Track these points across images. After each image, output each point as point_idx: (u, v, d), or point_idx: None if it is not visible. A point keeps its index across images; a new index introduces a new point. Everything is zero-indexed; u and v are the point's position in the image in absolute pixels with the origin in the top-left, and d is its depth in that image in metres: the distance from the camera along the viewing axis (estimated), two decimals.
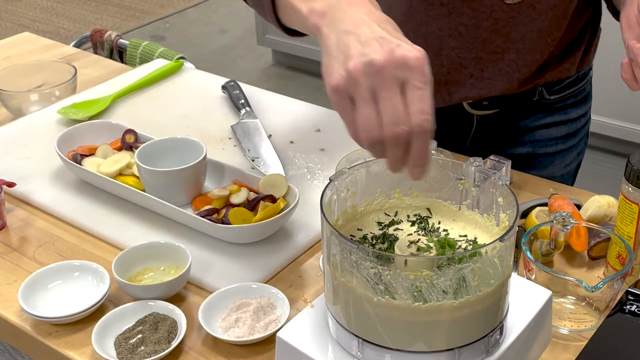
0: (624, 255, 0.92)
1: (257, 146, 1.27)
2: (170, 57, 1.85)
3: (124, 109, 1.42)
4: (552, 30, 1.18)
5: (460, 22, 1.16)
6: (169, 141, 1.16)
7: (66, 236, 1.09)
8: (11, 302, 0.97)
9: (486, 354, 0.76)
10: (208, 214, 1.05)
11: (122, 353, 0.87)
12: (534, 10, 1.15)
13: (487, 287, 0.72)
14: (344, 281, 0.74)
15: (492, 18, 1.15)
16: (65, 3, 4.91)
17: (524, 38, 1.17)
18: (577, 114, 1.32)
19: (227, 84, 1.45)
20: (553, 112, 1.28)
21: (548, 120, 1.28)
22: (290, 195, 1.08)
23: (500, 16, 1.15)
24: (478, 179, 0.82)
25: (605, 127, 2.90)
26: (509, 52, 1.18)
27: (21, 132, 1.34)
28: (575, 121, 1.32)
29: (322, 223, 0.75)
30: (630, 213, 0.93)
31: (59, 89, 1.43)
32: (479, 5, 1.14)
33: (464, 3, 1.14)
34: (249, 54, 4.13)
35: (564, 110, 1.30)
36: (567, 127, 1.31)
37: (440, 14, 1.16)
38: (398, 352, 0.74)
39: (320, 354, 0.78)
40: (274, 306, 0.93)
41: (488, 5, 1.14)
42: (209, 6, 4.80)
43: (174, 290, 0.96)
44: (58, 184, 1.19)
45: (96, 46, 2.04)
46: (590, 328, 0.90)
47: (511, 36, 1.17)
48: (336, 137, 1.31)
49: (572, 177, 1.39)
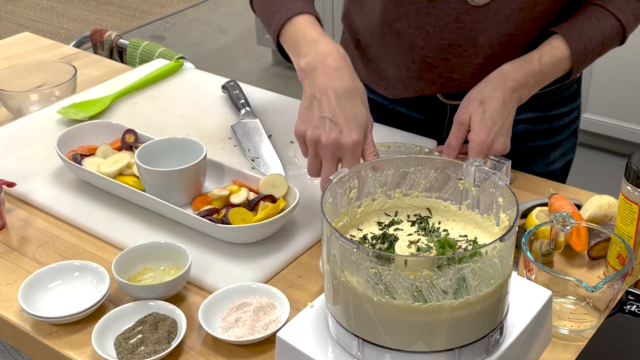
0: (624, 255, 0.92)
1: (257, 146, 1.27)
2: (170, 57, 1.85)
3: (124, 109, 1.42)
4: (519, 33, 1.17)
5: (427, 22, 1.17)
6: (169, 141, 1.16)
7: (66, 236, 1.09)
8: (11, 302, 0.97)
9: (486, 354, 0.76)
10: (208, 214, 1.05)
11: (122, 353, 0.87)
12: (500, 14, 1.14)
13: (487, 287, 0.72)
14: (344, 281, 0.74)
15: (458, 21, 1.15)
16: (65, 3, 4.91)
17: (492, 43, 1.17)
18: (560, 111, 1.31)
19: (227, 84, 1.45)
20: (529, 108, 1.26)
21: (525, 115, 1.27)
22: (290, 195, 1.08)
23: (466, 19, 1.15)
24: (478, 179, 0.82)
25: (605, 127, 2.90)
26: (477, 56, 1.18)
27: (21, 132, 1.34)
28: (558, 119, 1.31)
29: (322, 223, 0.75)
30: (630, 213, 0.93)
31: (59, 89, 1.43)
32: (444, 7, 1.15)
33: (429, 3, 1.15)
34: (249, 54, 4.13)
35: (545, 106, 1.29)
36: (548, 124, 1.31)
37: (409, 12, 1.17)
38: (398, 352, 0.74)
39: (320, 354, 0.78)
40: (274, 306, 0.93)
41: (453, 7, 1.15)
42: (209, 6, 4.81)
43: (174, 290, 0.96)
44: (58, 184, 1.19)
45: (96, 46, 2.04)
46: (590, 328, 0.90)
47: (478, 41, 1.17)
48: None
49: (558, 177, 1.37)
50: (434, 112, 1.31)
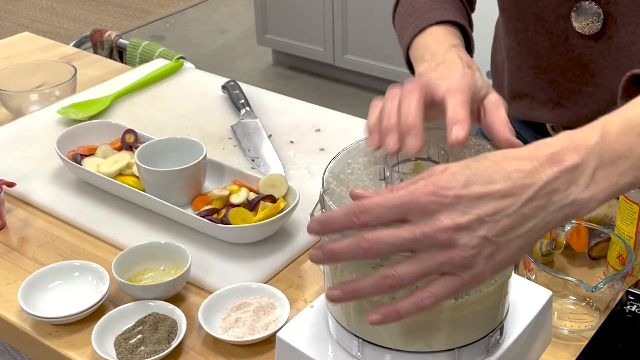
0: (624, 256, 0.92)
1: (257, 146, 1.27)
2: (170, 57, 1.85)
3: (124, 109, 1.42)
4: (633, 65, 1.00)
5: (535, 41, 1.08)
6: (169, 141, 1.15)
7: (66, 236, 1.09)
8: (11, 302, 0.97)
9: (486, 354, 0.76)
10: (208, 214, 1.05)
11: (122, 353, 0.87)
12: (612, 42, 1.02)
13: (487, 287, 0.72)
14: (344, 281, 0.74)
15: (567, 44, 1.05)
16: (65, 3, 4.91)
17: (602, 72, 1.05)
18: None
19: (227, 84, 1.45)
20: None
21: None
22: (290, 195, 1.08)
23: (576, 43, 1.05)
24: None
25: None
26: (587, 84, 1.07)
27: (21, 132, 1.34)
28: None
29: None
30: (631, 213, 0.93)
31: (59, 89, 1.43)
32: (552, 28, 1.05)
33: (537, 21, 1.07)
34: (249, 54, 4.13)
35: None
36: None
37: (517, 29, 1.10)
38: (398, 352, 0.74)
39: (320, 354, 0.78)
40: (274, 306, 0.93)
41: (562, 29, 1.04)
42: (209, 6, 4.80)
43: (174, 291, 0.96)
44: (58, 184, 1.19)
45: (96, 46, 2.04)
46: (590, 328, 0.90)
47: (589, 67, 1.06)
48: (336, 137, 1.31)
49: None
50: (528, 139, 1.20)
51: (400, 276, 0.63)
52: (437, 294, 0.64)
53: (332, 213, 0.66)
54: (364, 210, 0.64)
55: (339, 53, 3.60)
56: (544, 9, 1.06)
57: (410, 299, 0.65)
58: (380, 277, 0.64)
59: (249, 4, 4.54)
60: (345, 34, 3.54)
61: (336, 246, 0.65)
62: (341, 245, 0.65)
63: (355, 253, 0.64)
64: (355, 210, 0.64)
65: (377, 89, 3.56)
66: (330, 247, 0.66)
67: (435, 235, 0.62)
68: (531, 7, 1.07)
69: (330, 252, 0.66)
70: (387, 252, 0.64)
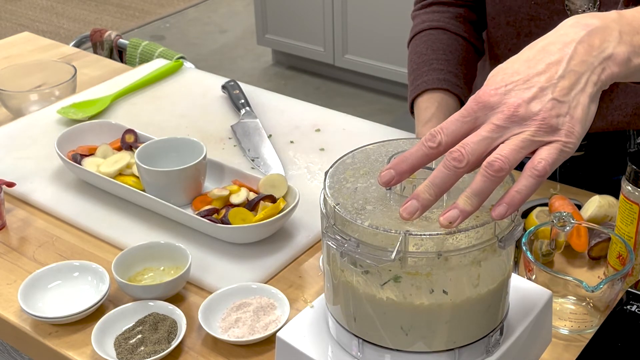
0: (624, 256, 0.92)
1: (257, 146, 1.27)
2: (170, 57, 1.85)
3: (124, 109, 1.42)
4: None
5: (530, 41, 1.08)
6: (169, 141, 1.15)
7: (66, 236, 1.09)
8: (11, 302, 0.97)
9: (486, 354, 0.76)
10: (208, 214, 1.05)
11: (122, 353, 0.87)
12: None
13: (488, 287, 0.72)
14: (344, 281, 0.74)
15: None
16: (65, 3, 4.91)
17: None
18: None
19: (227, 83, 1.45)
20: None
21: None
22: (290, 195, 1.08)
23: None
24: None
25: None
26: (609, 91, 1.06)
27: (21, 132, 1.34)
28: None
29: (322, 222, 0.75)
30: (631, 213, 0.93)
31: (59, 89, 1.43)
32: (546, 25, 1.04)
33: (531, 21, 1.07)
34: (249, 54, 4.13)
35: None
36: None
37: (507, 34, 1.11)
38: (398, 352, 0.74)
39: (320, 354, 0.78)
40: (274, 306, 0.93)
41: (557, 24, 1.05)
42: (209, 6, 4.81)
43: (173, 291, 0.96)
44: (58, 184, 1.19)
45: (96, 46, 2.04)
46: (590, 328, 0.90)
47: None
48: (336, 137, 1.31)
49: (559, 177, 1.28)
50: None
51: (506, 157, 0.66)
52: (547, 158, 0.67)
53: (404, 153, 0.69)
54: (435, 133, 0.68)
55: (338, 53, 3.60)
56: (537, 7, 1.06)
57: (524, 174, 0.67)
58: (487, 164, 0.66)
59: (249, 4, 4.55)
60: (345, 34, 3.54)
61: (427, 168, 0.69)
62: (435, 170, 0.67)
63: (450, 166, 0.66)
64: (427, 136, 0.68)
65: (377, 89, 3.56)
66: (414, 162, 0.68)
67: (514, 114, 0.67)
68: (523, 8, 1.08)
69: (413, 168, 0.68)
70: (478, 153, 0.66)
